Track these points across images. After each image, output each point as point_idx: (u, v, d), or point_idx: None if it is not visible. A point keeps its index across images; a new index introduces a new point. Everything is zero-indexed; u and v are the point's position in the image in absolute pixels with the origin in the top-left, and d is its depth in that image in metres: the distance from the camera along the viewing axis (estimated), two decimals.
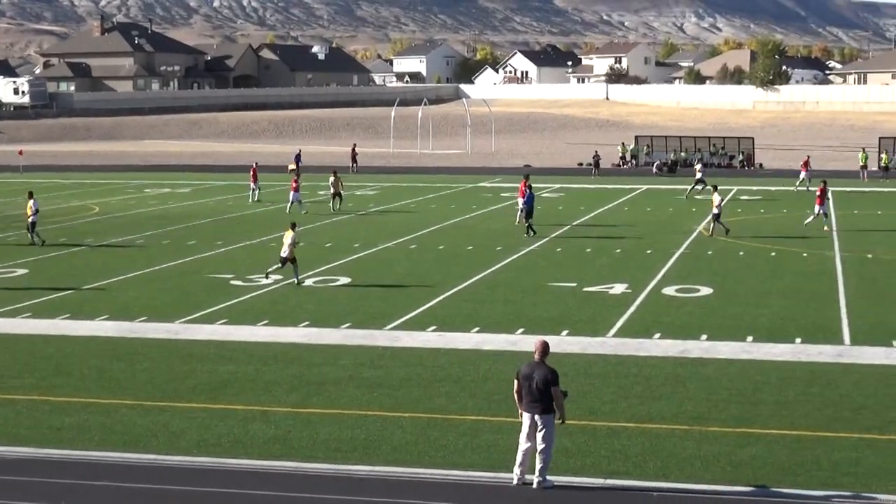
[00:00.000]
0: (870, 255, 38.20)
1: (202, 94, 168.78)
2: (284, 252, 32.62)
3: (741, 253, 39.07)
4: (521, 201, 45.61)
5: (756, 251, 39.41)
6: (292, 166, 74.86)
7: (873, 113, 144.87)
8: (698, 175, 60.84)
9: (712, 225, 42.97)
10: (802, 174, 64.16)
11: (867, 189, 64.84)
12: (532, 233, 42.97)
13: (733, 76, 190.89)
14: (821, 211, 44.16)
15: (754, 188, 65.20)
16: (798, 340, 25.24)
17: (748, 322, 27.26)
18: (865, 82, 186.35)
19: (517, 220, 46.36)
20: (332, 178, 53.48)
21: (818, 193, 44.70)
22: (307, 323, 27.54)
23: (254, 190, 58.28)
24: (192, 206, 56.46)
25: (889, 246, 40.31)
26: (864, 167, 72.94)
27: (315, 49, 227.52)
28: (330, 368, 23.04)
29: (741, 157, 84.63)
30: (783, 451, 17.52)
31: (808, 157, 67.60)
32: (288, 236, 32.79)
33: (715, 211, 42.66)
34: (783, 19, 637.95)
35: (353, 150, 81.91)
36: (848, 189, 64.05)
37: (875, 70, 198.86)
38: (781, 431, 18.53)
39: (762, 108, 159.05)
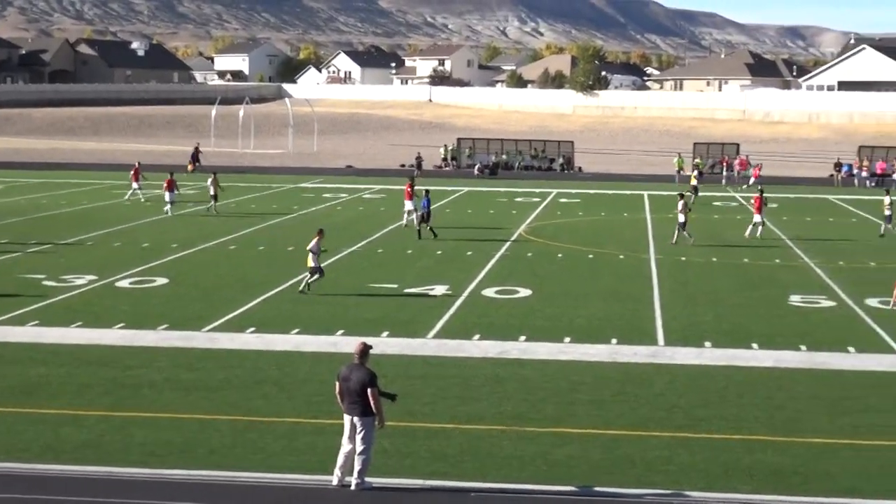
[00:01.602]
0: (683, 258, 39.16)
1: (15, 89, 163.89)
2: (311, 262, 31.53)
3: (560, 255, 39.66)
4: (408, 204, 45.99)
5: (574, 253, 40.05)
6: (191, 167, 73.73)
7: (689, 119, 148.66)
8: (694, 182, 62.29)
9: (676, 233, 42.92)
10: (752, 179, 66.64)
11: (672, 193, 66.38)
12: (420, 237, 43.04)
13: (554, 80, 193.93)
14: (760, 219, 44.81)
15: (573, 191, 66.27)
16: (614, 341, 25.71)
17: (566, 323, 27.66)
18: (682, 89, 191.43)
19: (405, 222, 46.49)
20: (210, 179, 52.38)
21: (755, 203, 45.36)
22: (122, 325, 26.94)
23: (135, 189, 56.55)
24: (2, 203, 54.74)
25: (701, 249, 41.39)
26: (680, 172, 74.92)
27: (134, 45, 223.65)
28: (145, 371, 22.58)
29: (561, 160, 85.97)
30: (598, 450, 17.81)
31: (761, 164, 69.83)
32: (312, 243, 31.64)
33: (681, 219, 42.65)
34: (604, 26, 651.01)
35: (196, 149, 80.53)
36: (663, 193, 65.60)
37: (691, 77, 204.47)
38: (597, 431, 18.84)
39: (582, 112, 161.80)
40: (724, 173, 76.44)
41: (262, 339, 25.55)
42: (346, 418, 16.04)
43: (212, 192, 51.17)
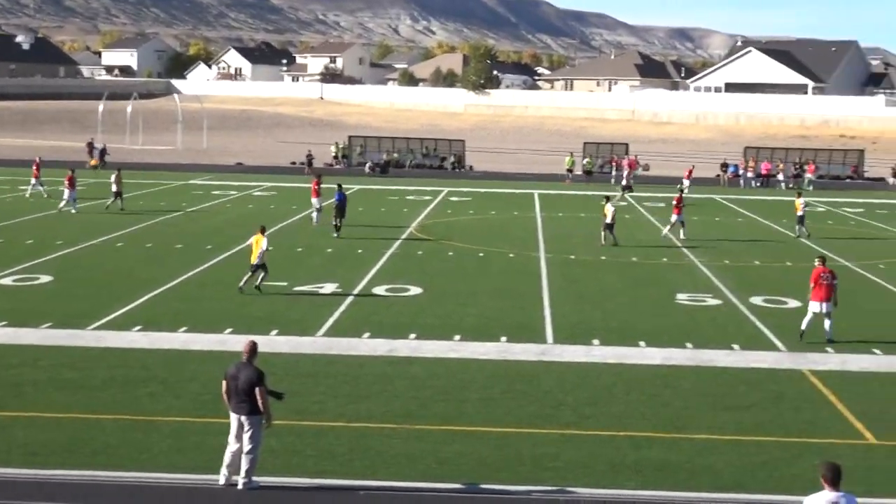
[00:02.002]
0: (572, 257, 39.50)
1: None
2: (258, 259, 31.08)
3: (450, 253, 39.75)
4: (315, 202, 46.07)
5: (465, 252, 40.17)
6: (94, 162, 72.21)
7: (579, 118, 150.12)
8: (625, 182, 63.98)
9: (603, 233, 42.90)
10: (685, 181, 67.21)
11: (572, 192, 67.04)
12: (336, 234, 42.83)
13: (446, 79, 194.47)
14: (678, 219, 45.08)
15: (464, 189, 66.47)
16: (503, 339, 25.83)
17: (456, 321, 27.72)
18: (572, 89, 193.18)
19: (315, 222, 46.24)
20: (113, 176, 51.43)
21: (675, 203, 45.63)
22: (4, 323, 26.39)
23: (34, 184, 55.29)
24: None
25: (590, 248, 41.78)
26: (570, 171, 75.58)
27: (19, 39, 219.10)
28: (28, 370, 22.13)
29: (452, 158, 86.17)
30: (488, 448, 17.87)
31: (693, 166, 70.55)
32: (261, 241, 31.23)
33: (608, 220, 42.47)
34: (495, 25, 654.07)
35: (99, 147, 79.16)
36: (553, 192, 66.14)
37: (581, 77, 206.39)
38: (486, 428, 18.91)
39: (474, 111, 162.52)
40: (614, 173, 77.21)
41: (148, 338, 25.21)
42: (234, 417, 15.90)
43: (115, 189, 50.48)
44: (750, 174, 78.28)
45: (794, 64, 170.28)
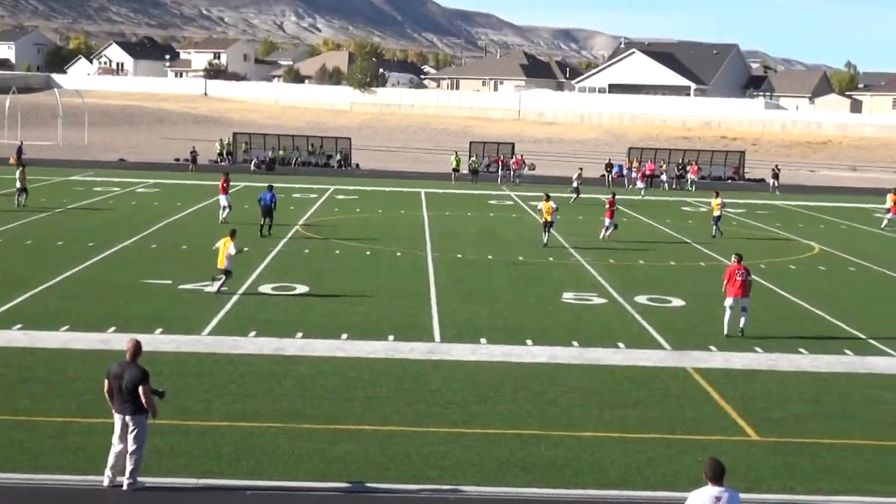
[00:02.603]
0: (459, 256, 39.60)
1: None
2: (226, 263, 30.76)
3: (337, 252, 39.59)
4: (223, 199, 46.06)
5: (352, 250, 40.04)
6: (13, 160, 70.16)
7: (465, 118, 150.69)
8: (574, 184, 64.07)
9: (546, 235, 42.72)
10: (639, 184, 67.65)
11: (458, 191, 67.24)
12: (267, 234, 42.76)
13: (332, 77, 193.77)
14: (611, 223, 45.12)
15: (351, 188, 66.30)
16: (391, 338, 25.78)
17: (343, 320, 27.60)
18: (458, 88, 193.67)
19: (222, 218, 45.93)
20: (18, 173, 50.22)
21: (608, 206, 45.59)
22: None
23: None
24: None
25: (477, 246, 41.94)
26: (456, 170, 75.81)
27: None
28: None
29: (339, 156, 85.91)
30: (375, 446, 17.80)
31: (649, 163, 70.84)
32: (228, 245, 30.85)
33: (549, 219, 42.25)
34: (381, 23, 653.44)
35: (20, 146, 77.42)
36: (440, 191, 66.28)
37: (467, 76, 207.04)
38: (374, 427, 18.84)
39: (360, 109, 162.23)
40: (500, 172, 77.67)
41: (29, 336, 24.67)
42: (118, 417, 15.63)
43: (19, 186, 49.60)
44: (635, 174, 79.23)
45: (677, 66, 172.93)
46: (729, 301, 27.36)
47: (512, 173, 77.11)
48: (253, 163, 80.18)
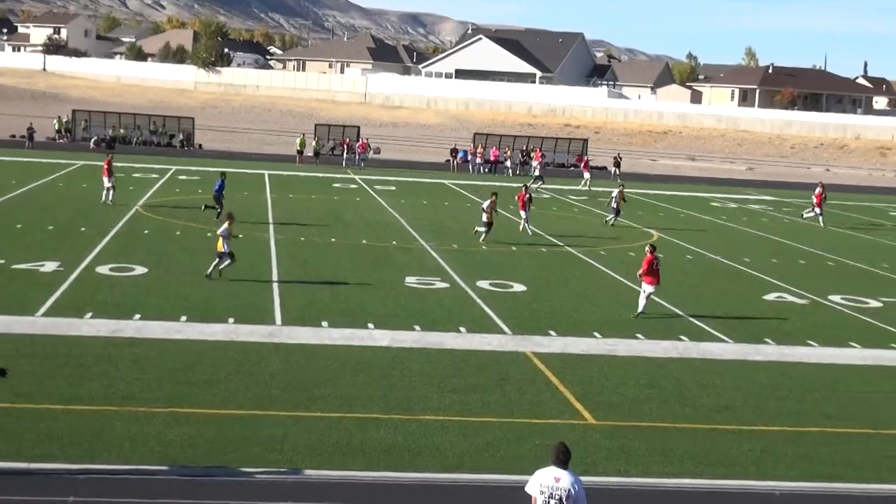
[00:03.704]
0: (302, 238, 39.36)
1: None
2: (224, 246, 30.22)
3: (178, 233, 39.01)
4: (106, 180, 44.93)
5: (193, 231, 39.50)
6: None
7: (311, 100, 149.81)
8: (536, 172, 64.21)
9: (484, 232, 41.52)
10: (586, 175, 67.37)
11: (303, 174, 66.85)
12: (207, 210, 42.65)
13: (176, 55, 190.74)
14: (525, 216, 44.38)
15: (193, 168, 65.37)
16: (231, 320, 25.49)
17: (182, 302, 27.20)
18: (305, 70, 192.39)
19: (106, 199, 44.99)
20: None
21: (519, 200, 44.92)
22: None
23: None
24: None
25: (320, 229, 41.74)
26: (300, 152, 75.37)
27: None
28: None
29: (181, 136, 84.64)
30: (214, 430, 17.59)
31: (588, 159, 70.89)
32: (223, 228, 30.42)
33: (484, 218, 41.27)
34: (227, 2, 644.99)
35: None
36: (284, 173, 65.80)
37: (314, 58, 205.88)
38: (213, 410, 18.61)
39: (204, 88, 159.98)
40: (345, 155, 77.43)
41: None
42: None
43: None
44: (479, 160, 79.77)
45: (523, 53, 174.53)
46: (647, 288, 28.81)
47: (357, 157, 76.91)
48: (92, 141, 78.47)
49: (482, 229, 41.21)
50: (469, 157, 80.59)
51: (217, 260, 30.67)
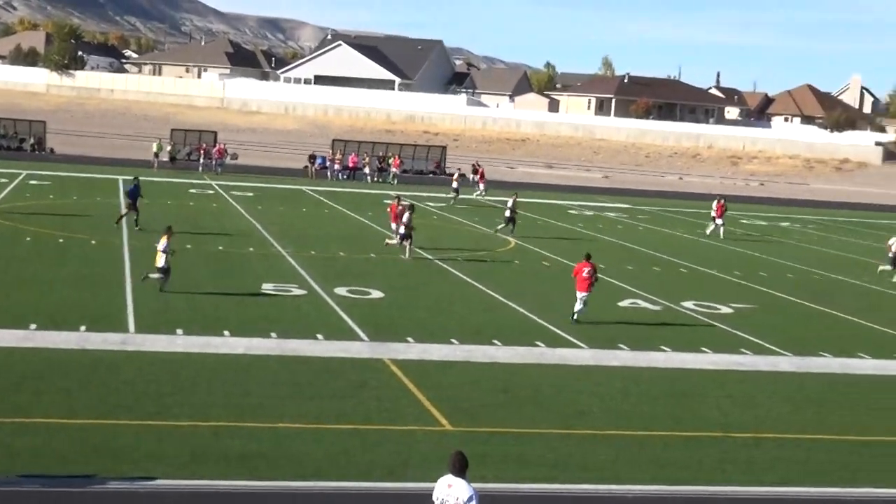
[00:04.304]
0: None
1: None
2: (161, 261, 29.36)
3: (28, 239, 38.12)
4: None
5: (44, 237, 38.63)
6: None
7: (167, 104, 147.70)
8: (455, 185, 64.43)
9: (406, 244, 40.53)
10: (481, 185, 66.66)
11: (159, 179, 65.87)
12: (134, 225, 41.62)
13: (27, 58, 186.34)
14: (398, 229, 43.51)
15: (45, 173, 63.98)
16: (83, 328, 24.96)
17: (31, 310, 26.53)
18: (161, 74, 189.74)
19: None
20: None
21: (390, 211, 44.04)
22: None
23: None
24: None
25: (176, 235, 41.00)
26: (157, 156, 74.33)
27: None
28: None
29: (32, 140, 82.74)
30: (63, 440, 17.19)
31: (483, 167, 70.02)
32: (162, 242, 29.52)
33: (402, 230, 40.29)
34: (81, 5, 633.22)
35: None
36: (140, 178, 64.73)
37: (170, 62, 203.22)
38: (62, 420, 18.18)
39: (56, 92, 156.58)
40: (202, 161, 76.50)
41: None
42: None
43: None
44: (337, 166, 79.57)
45: (382, 60, 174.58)
46: (581, 295, 29.72)
47: (214, 162, 76.05)
48: None
49: (394, 241, 40.63)
50: (327, 164, 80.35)
51: (161, 276, 30.04)
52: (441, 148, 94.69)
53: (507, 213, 49.60)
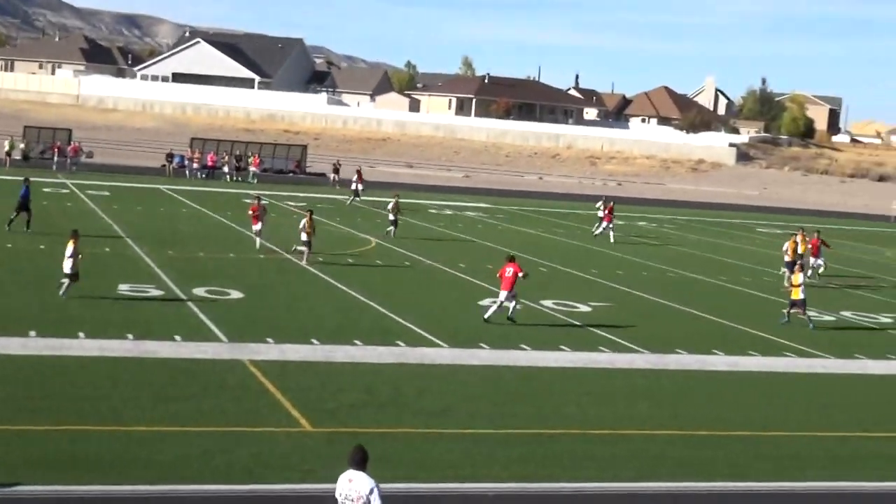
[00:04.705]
0: (10, 245, 37.88)
1: None
2: (68, 267, 28.17)
3: None
4: None
5: None
6: None
7: (20, 101, 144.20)
8: (354, 186, 64.97)
9: (304, 249, 39.34)
10: (359, 186, 65.58)
11: (9, 178, 64.22)
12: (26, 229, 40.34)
13: None
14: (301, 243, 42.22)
15: None
16: None
17: None
18: (13, 70, 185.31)
19: None
20: None
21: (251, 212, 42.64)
22: None
23: None
24: None
25: (30, 236, 40.17)
26: (9, 154, 72.55)
27: None
28: None
29: None
30: None
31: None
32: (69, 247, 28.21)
33: (303, 237, 39.00)
34: None
35: None
36: None
37: (23, 58, 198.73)
38: None
39: None
40: (56, 159, 74.80)
41: None
42: None
43: None
44: (196, 165, 78.62)
45: (242, 58, 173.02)
46: (502, 295, 30.41)
47: (69, 161, 74.41)
48: None
49: (302, 248, 39.55)
50: (186, 163, 79.35)
51: (69, 281, 29.05)
52: (301, 147, 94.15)
53: (391, 216, 49.36)
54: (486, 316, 30.40)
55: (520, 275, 30.53)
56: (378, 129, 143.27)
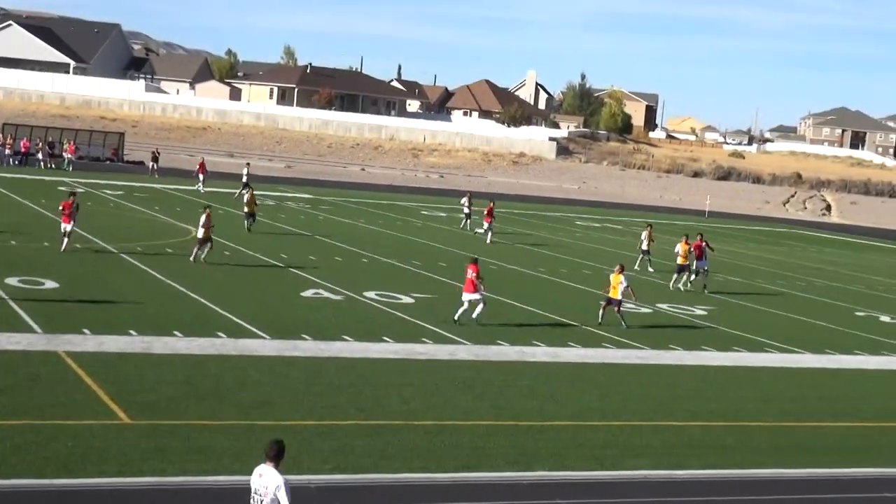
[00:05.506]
0: None
1: None
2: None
3: None
4: None
5: None
6: None
7: None
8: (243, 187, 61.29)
9: (201, 251, 37.73)
10: (200, 177, 63.26)
11: None
12: None
13: None
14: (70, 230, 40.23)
15: None
16: None
17: None
18: None
19: None
20: None
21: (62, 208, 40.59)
22: None
23: None
24: None
25: None
26: None
27: None
28: None
29: None
30: None
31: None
32: None
33: (200, 236, 37.46)
34: None
35: None
36: None
37: None
38: None
39: None
40: None
41: None
42: None
43: None
44: (9, 151, 76.39)
45: (56, 42, 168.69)
46: (466, 296, 30.70)
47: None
48: None
49: (198, 248, 38.14)
50: None
51: None
52: (119, 134, 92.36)
53: (246, 209, 48.73)
54: (454, 317, 30.86)
55: (473, 276, 30.72)
56: (198, 118, 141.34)
